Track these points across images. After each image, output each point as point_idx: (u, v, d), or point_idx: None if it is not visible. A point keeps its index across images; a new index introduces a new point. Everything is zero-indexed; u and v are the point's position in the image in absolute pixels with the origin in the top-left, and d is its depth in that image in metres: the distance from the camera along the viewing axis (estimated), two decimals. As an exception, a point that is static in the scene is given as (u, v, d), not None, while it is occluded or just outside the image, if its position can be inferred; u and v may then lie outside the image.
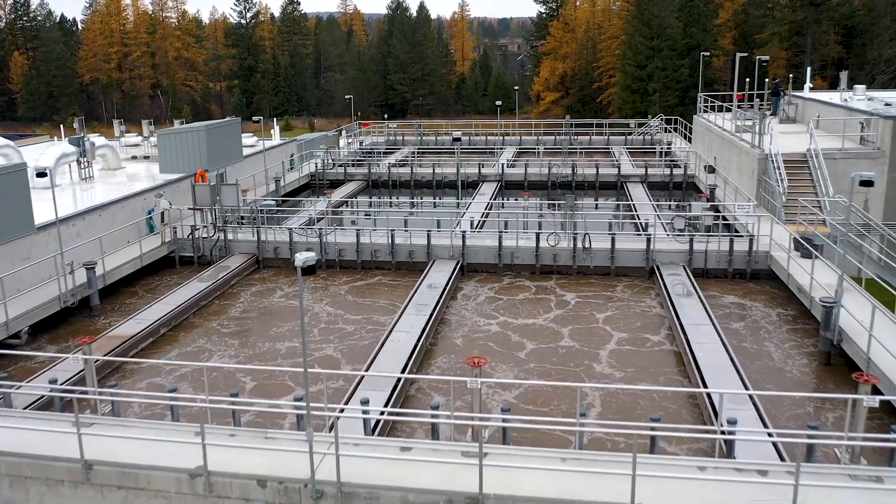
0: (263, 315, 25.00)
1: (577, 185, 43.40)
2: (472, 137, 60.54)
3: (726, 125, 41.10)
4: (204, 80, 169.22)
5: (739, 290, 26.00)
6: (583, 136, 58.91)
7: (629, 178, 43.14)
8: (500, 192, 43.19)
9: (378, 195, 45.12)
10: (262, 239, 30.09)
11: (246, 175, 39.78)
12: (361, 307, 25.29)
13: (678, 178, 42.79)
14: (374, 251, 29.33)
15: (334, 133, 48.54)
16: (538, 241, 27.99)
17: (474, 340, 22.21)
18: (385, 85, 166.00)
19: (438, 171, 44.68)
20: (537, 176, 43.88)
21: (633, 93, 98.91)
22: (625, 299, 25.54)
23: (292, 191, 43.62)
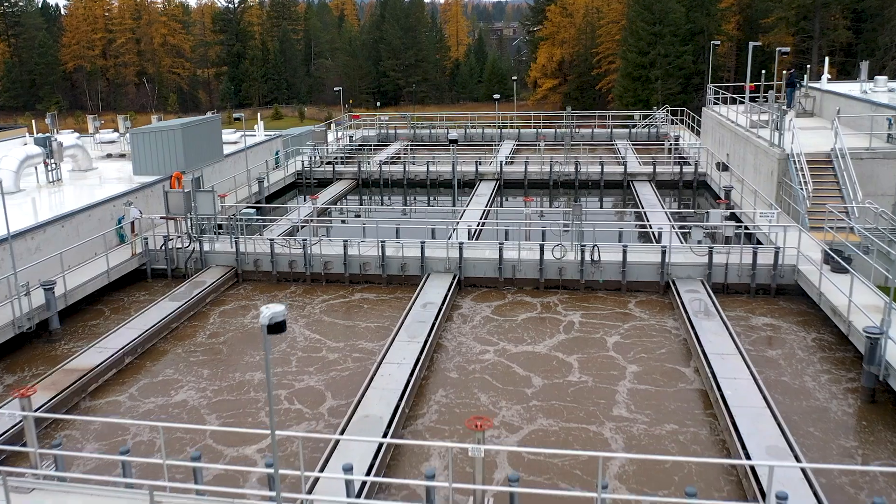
0: (239, 338, 22.89)
1: (580, 184, 41.27)
2: (468, 130, 58.31)
3: (740, 120, 38.96)
4: (191, 68, 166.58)
5: (764, 309, 23.94)
6: (584, 129, 56.72)
7: (636, 176, 41.02)
8: (499, 191, 41.08)
9: (369, 195, 42.96)
10: (241, 250, 27.95)
11: (227, 177, 37.62)
12: (347, 331, 23.17)
13: (688, 177, 40.67)
14: (363, 264, 27.21)
15: (321, 129, 46.19)
16: (542, 254, 25.89)
17: (472, 373, 20.11)
18: (377, 72, 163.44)
19: (433, 170, 42.51)
20: (538, 174, 41.73)
21: (634, 80, 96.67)
22: (638, 320, 23.46)
23: (277, 191, 41.46)
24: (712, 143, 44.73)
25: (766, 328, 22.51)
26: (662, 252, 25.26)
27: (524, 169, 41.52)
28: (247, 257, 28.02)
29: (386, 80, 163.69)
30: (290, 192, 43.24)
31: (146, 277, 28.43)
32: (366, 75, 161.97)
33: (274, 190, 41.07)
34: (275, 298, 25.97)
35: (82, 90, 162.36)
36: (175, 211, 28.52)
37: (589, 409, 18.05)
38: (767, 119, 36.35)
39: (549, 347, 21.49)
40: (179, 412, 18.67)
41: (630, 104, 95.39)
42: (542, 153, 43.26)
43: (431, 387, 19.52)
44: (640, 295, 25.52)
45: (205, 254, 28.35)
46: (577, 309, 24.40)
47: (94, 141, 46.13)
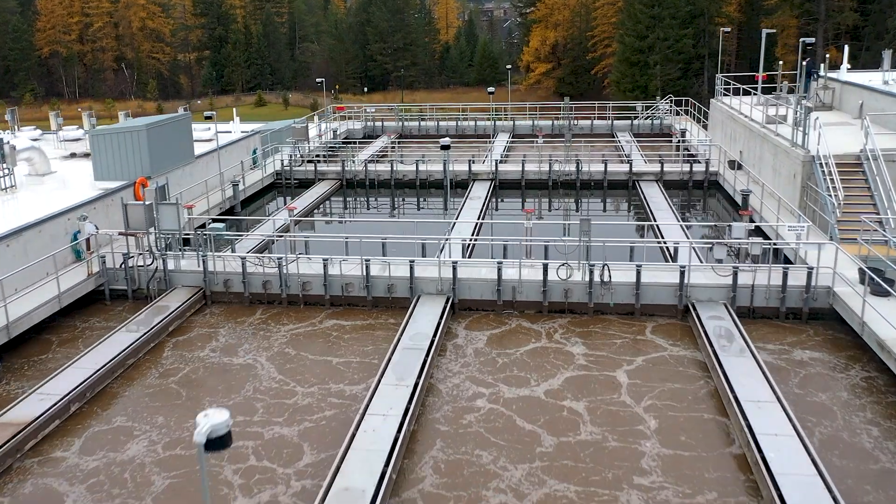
0: (200, 378, 20.36)
1: (581, 185, 38.75)
2: (459, 123, 55.66)
3: (755, 115, 36.48)
4: (171, 53, 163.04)
5: (798, 338, 21.54)
6: (583, 121, 54.14)
7: (642, 176, 38.52)
8: (494, 191, 38.55)
9: (354, 196, 40.35)
10: (209, 269, 25.39)
11: (198, 181, 34.98)
12: (325, 369, 20.64)
13: (699, 176, 38.19)
14: (345, 285, 24.70)
15: (301, 125, 43.49)
16: (546, 274, 23.43)
17: (467, 427, 17.63)
18: (364, 56, 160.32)
19: (423, 169, 39.92)
20: (536, 174, 39.19)
21: (631, 66, 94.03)
22: (654, 351, 21.04)
23: (254, 194, 38.84)
24: (722, 137, 42.28)
25: (802, 364, 20.10)
26: (681, 272, 22.82)
27: (521, 168, 38.96)
28: (216, 277, 25.47)
29: (373, 65, 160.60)
30: (269, 193, 40.62)
31: (104, 299, 25.87)
32: (352, 59, 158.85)
33: (251, 192, 38.46)
34: (242, 326, 23.47)
35: (58, 76, 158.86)
36: (136, 226, 25.93)
37: (605, 476, 15.62)
38: (785, 114, 33.97)
39: (554, 391, 19.02)
40: (122, 471, 16.20)
41: (628, 90, 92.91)
42: (540, 150, 40.63)
43: (423, 442, 17.06)
44: (655, 320, 23.10)
45: (169, 273, 25.78)
46: (584, 338, 21.96)
47: (58, 139, 43.41)
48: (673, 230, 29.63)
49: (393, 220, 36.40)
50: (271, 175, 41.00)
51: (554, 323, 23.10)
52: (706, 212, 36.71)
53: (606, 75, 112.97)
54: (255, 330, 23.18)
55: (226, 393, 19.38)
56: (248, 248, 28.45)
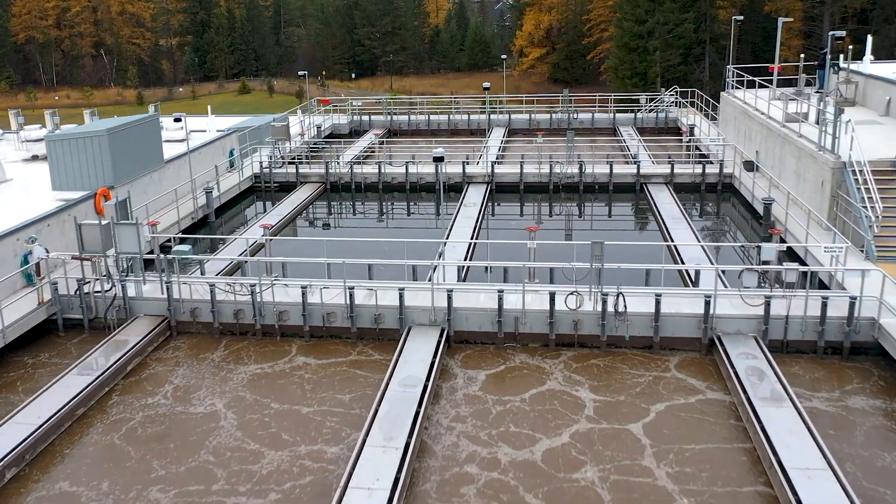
0: (159, 431, 17.91)
1: (585, 187, 36.32)
2: (451, 116, 53.07)
3: (773, 111, 34.08)
4: (152, 38, 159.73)
5: (842, 380, 19.22)
6: (584, 114, 51.66)
7: (650, 178, 36.12)
8: (491, 195, 36.12)
9: (339, 201, 37.83)
10: (174, 296, 22.91)
11: (168, 188, 32.42)
12: (299, 421, 18.17)
13: (711, 179, 35.79)
14: (327, 314, 22.27)
15: (282, 123, 40.87)
16: (553, 303, 21.03)
17: (467, 501, 15.26)
18: (352, 40, 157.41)
19: (413, 171, 37.41)
20: (535, 176, 36.73)
21: (630, 52, 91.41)
22: (678, 396, 18.67)
23: (231, 199, 36.30)
24: (735, 135, 39.89)
25: (853, 413, 17.76)
26: (706, 302, 20.43)
27: (519, 170, 36.49)
28: (182, 305, 22.99)
29: (361, 49, 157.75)
30: (248, 197, 38.06)
31: (57, 330, 23.39)
32: (340, 44, 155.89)
33: (227, 198, 35.91)
34: (208, 364, 21.03)
35: (35, 63, 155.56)
36: (91, 248, 23.40)
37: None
38: (807, 112, 31.64)
39: (562, 453, 16.58)
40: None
41: (626, 77, 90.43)
42: (539, 150, 38.13)
43: (415, 523, 14.70)
44: (676, 355, 20.75)
45: (130, 301, 23.31)
46: (596, 378, 19.59)
47: (18, 139, 40.71)
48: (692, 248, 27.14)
49: (382, 228, 34.14)
50: (249, 178, 38.45)
51: (561, 359, 20.73)
52: (719, 216, 34.35)
53: (603, 61, 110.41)
54: (222, 370, 20.72)
55: (180, 454, 16.93)
56: (218, 269, 25.97)
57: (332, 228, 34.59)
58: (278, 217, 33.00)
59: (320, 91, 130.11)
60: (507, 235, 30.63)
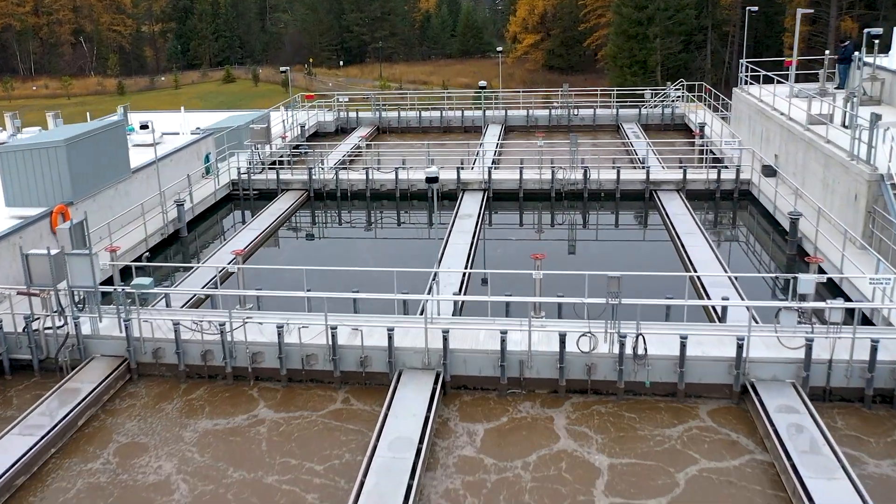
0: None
1: (590, 195, 33.98)
2: (444, 113, 50.57)
3: (794, 112, 31.77)
4: (133, 25, 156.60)
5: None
6: (584, 110, 49.25)
7: (661, 185, 33.77)
8: (488, 204, 33.77)
9: (323, 209, 35.41)
10: (133, 335, 20.53)
11: (136, 202, 29.97)
12: (260, 499, 15.81)
13: (727, 185, 33.46)
14: (306, 357, 19.92)
15: (262, 125, 38.36)
16: (563, 346, 18.72)
17: None
18: (340, 26, 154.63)
19: (403, 178, 34.97)
20: (535, 182, 34.36)
21: (629, 39, 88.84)
22: (709, 459, 16.39)
23: (207, 210, 33.86)
24: (749, 135, 37.59)
25: (912, 484, 15.52)
26: (738, 345, 18.14)
27: (519, 176, 34.11)
28: (143, 345, 20.62)
29: (349, 36, 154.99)
30: (225, 206, 35.61)
31: (3, 373, 21.01)
32: (327, 30, 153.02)
33: (203, 209, 33.47)
34: (167, 416, 18.67)
35: (12, 52, 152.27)
36: (41, 281, 20.99)
37: None
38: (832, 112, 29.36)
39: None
40: None
41: (625, 66, 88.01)
42: (540, 154, 35.72)
43: None
44: (704, 404, 18.46)
45: (85, 339, 20.92)
46: (614, 435, 17.29)
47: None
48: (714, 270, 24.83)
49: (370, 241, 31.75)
50: (226, 186, 35.97)
51: (572, 409, 18.44)
52: (738, 229, 32.07)
53: (600, 48, 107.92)
54: (180, 425, 18.33)
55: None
56: (185, 300, 23.59)
57: (316, 240, 32.31)
58: (257, 231, 30.62)
59: (307, 80, 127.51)
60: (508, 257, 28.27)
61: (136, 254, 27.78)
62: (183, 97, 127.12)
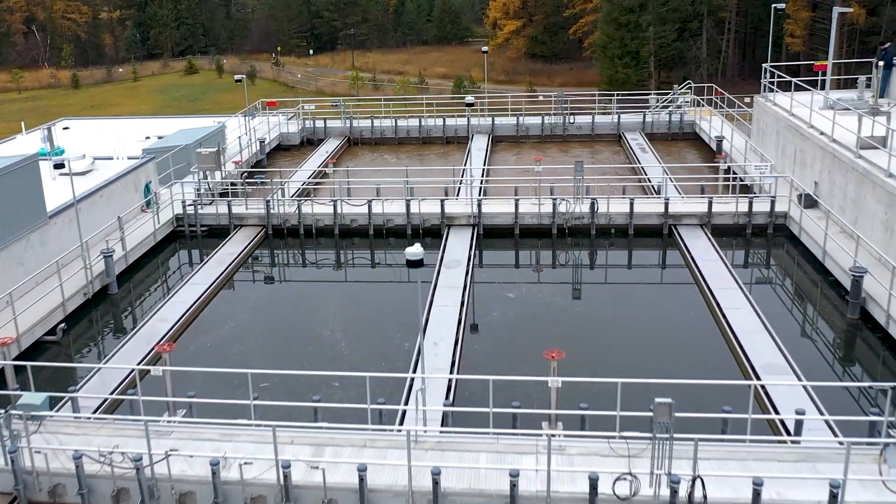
0: None
1: (598, 231, 29.48)
2: (424, 120, 45.77)
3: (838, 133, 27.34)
4: (89, 12, 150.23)
5: None
6: (582, 117, 44.69)
7: (682, 219, 29.28)
8: (479, 242, 29.20)
9: (283, 249, 30.66)
10: (22, 465, 15.84)
11: (54, 255, 25.10)
12: None
13: (760, 219, 29.00)
14: (251, 500, 15.30)
15: (211, 151, 33.45)
16: (595, 491, 14.20)
17: None
18: (309, 12, 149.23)
19: (377, 211, 30.28)
20: (533, 217, 29.77)
21: (619, 27, 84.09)
22: None
23: (145, 255, 29.03)
24: (776, 152, 33.26)
25: None
26: (832, 494, 13.67)
27: (514, 210, 29.52)
28: (37, 481, 15.91)
29: (319, 22, 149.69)
30: (167, 248, 30.74)
31: None
32: (296, 16, 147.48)
33: (139, 254, 28.66)
34: None
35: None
36: None
37: None
38: (890, 137, 25.00)
39: None
40: None
41: (616, 57, 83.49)
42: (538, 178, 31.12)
43: None
44: (783, 567, 14.02)
45: (-41, 471, 16.17)
46: None
47: None
48: (760, 341, 20.40)
49: (340, 291, 27.11)
50: (169, 223, 31.13)
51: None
52: (774, 273, 27.63)
53: (586, 35, 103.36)
54: None
55: None
56: (92, 407, 18.85)
57: (276, 290, 27.60)
58: (202, 285, 25.88)
59: (274, 71, 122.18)
60: (507, 326, 23.66)
61: (50, 323, 23.05)
62: (142, 90, 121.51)
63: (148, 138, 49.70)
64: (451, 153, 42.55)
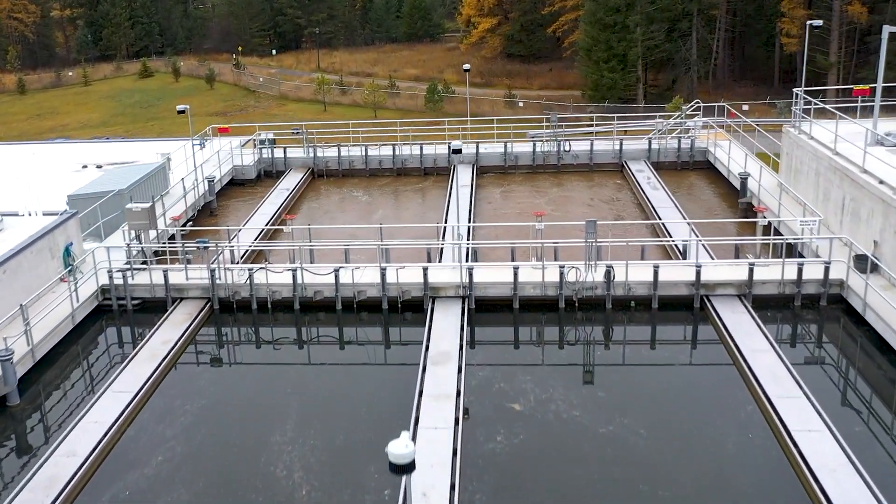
0: None
1: (614, 303, 24.68)
2: (398, 149, 40.66)
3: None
4: (37, 12, 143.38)
5: None
6: (578, 144, 39.85)
7: (715, 289, 24.52)
8: (470, 318, 24.36)
9: (232, 328, 25.64)
10: None
11: (-74, 363, 19.89)
12: None
13: (810, 287, 24.29)
14: None
15: (143, 208, 28.14)
16: None
17: None
18: (272, 9, 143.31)
19: (346, 281, 25.31)
20: (536, 287, 24.91)
21: (604, 28, 79.26)
22: None
23: (62, 341, 23.87)
24: (815, 196, 28.73)
25: None
26: None
27: (513, 279, 24.64)
28: None
29: (283, 20, 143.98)
30: (91, 329, 25.54)
31: None
32: (258, 14, 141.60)
33: (54, 342, 23.51)
34: None
35: None
36: None
37: None
38: None
39: None
40: None
41: (602, 61, 78.85)
42: (540, 236, 26.31)
43: None
44: None
45: None
46: None
47: None
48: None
49: (301, 387, 22.17)
50: (93, 298, 25.93)
51: None
52: (836, 362, 22.91)
53: (566, 34, 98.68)
54: None
55: None
56: None
57: (221, 384, 22.58)
58: (127, 393, 20.82)
59: (235, 74, 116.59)
60: (514, 452, 18.76)
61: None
62: (93, 96, 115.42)
63: (85, 167, 44.56)
64: (430, 189, 37.66)
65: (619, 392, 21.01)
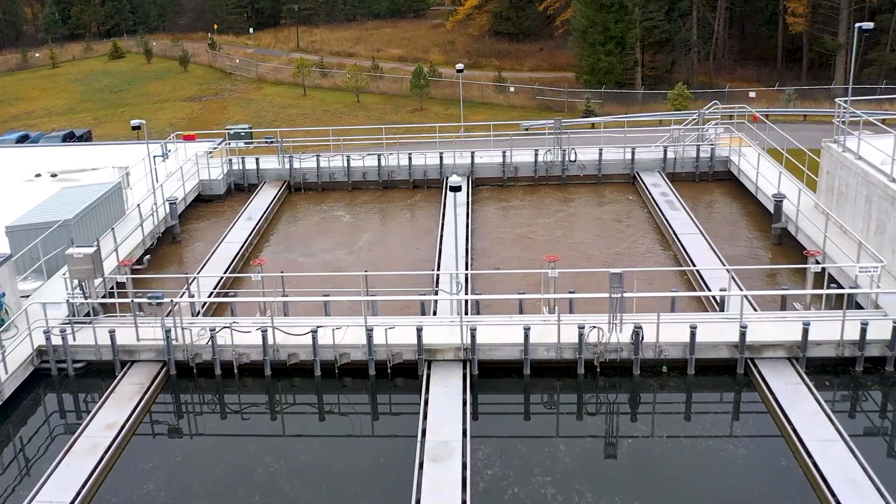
0: None
1: (643, 368, 21.13)
2: (384, 159, 36.75)
3: None
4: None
5: None
6: (585, 153, 36.05)
7: (761, 351, 20.96)
8: (472, 387, 20.76)
9: (193, 394, 21.97)
10: None
11: None
12: None
13: (874, 349, 20.76)
14: None
15: (87, 253, 24.12)
16: None
17: None
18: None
19: (326, 342, 21.63)
20: (551, 349, 21.30)
21: (600, 8, 75.18)
22: None
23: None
24: (862, 223, 25.16)
25: None
26: None
27: (523, 340, 21.01)
28: None
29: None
30: (25, 400, 21.82)
31: None
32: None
33: (-25, 423, 19.82)
34: None
35: None
36: None
37: None
38: None
39: None
40: None
41: (598, 43, 74.89)
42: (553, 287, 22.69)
43: None
44: None
45: None
46: None
47: None
48: None
49: (273, 466, 18.56)
50: (28, 363, 22.15)
51: None
52: None
53: (558, 12, 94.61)
54: None
55: None
56: None
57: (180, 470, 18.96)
58: (67, 493, 17.21)
59: (210, 55, 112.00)
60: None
61: None
62: (60, 80, 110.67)
63: (39, 175, 40.83)
64: (420, 206, 33.92)
65: (654, 472, 17.52)
